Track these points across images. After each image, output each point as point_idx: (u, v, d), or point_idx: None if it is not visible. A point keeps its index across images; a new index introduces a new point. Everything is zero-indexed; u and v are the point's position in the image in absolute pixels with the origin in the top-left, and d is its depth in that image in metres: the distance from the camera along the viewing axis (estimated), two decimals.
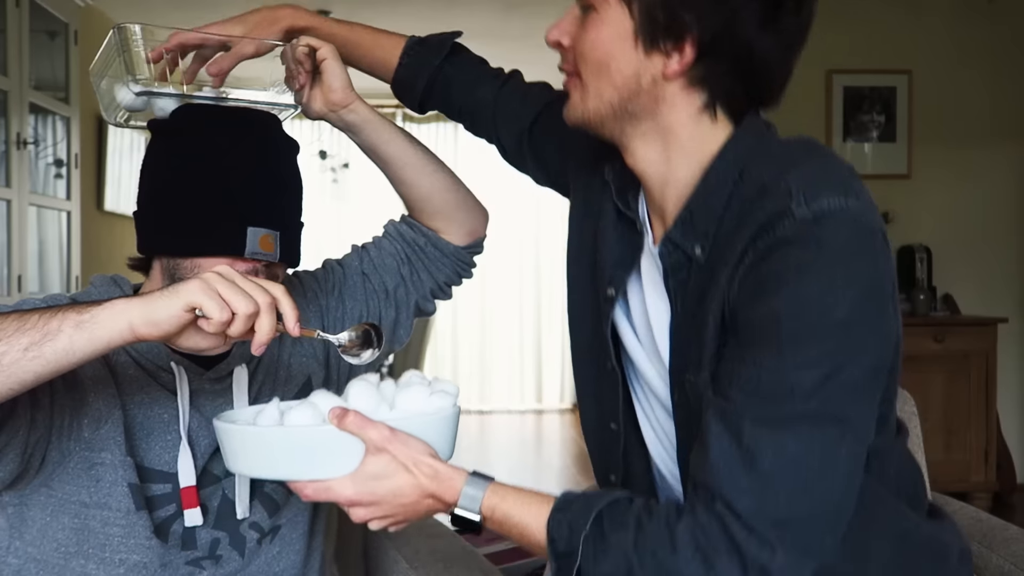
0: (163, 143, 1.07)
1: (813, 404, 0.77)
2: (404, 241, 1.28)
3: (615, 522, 0.81)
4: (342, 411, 0.84)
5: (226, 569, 1.09)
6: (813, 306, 0.78)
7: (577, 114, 0.94)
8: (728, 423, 0.79)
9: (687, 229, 0.89)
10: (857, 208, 0.80)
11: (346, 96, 1.16)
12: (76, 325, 0.80)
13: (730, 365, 0.82)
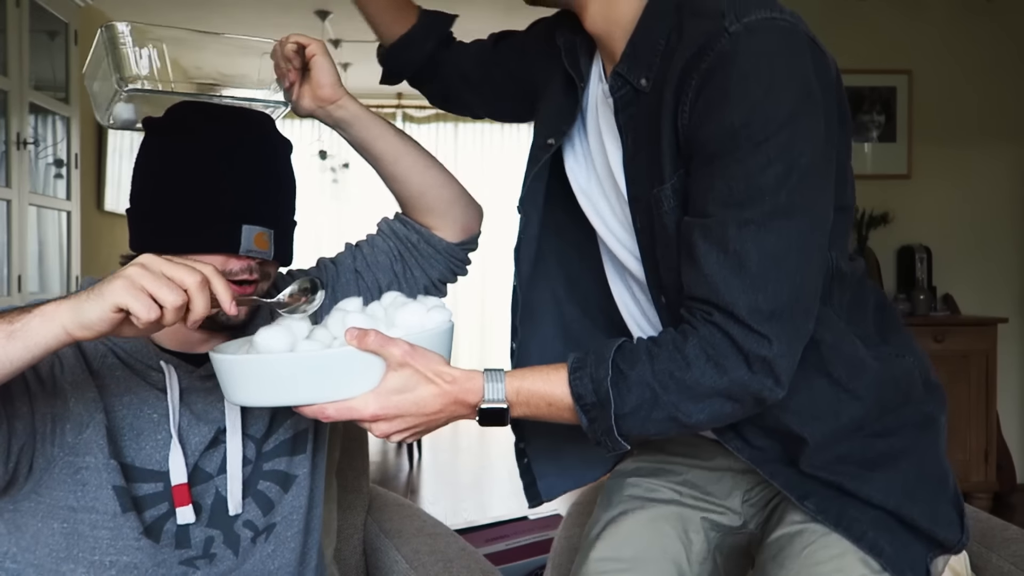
0: (156, 141, 1.07)
1: (783, 197, 0.85)
2: (397, 238, 1.28)
3: (629, 361, 0.89)
4: (360, 331, 0.86)
5: (220, 568, 1.08)
6: (760, 109, 0.84)
7: None
8: (712, 237, 0.87)
9: (631, 63, 0.95)
10: (783, 18, 0.87)
11: (335, 92, 1.17)
12: (8, 335, 0.80)
13: (700, 184, 0.89)
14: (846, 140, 1.00)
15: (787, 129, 0.85)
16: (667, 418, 0.89)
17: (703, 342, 0.87)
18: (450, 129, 7.12)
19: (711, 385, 0.87)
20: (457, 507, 4.17)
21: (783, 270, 0.86)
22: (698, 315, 0.89)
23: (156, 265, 0.82)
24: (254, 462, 1.12)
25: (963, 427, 3.78)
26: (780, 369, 0.87)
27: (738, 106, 0.85)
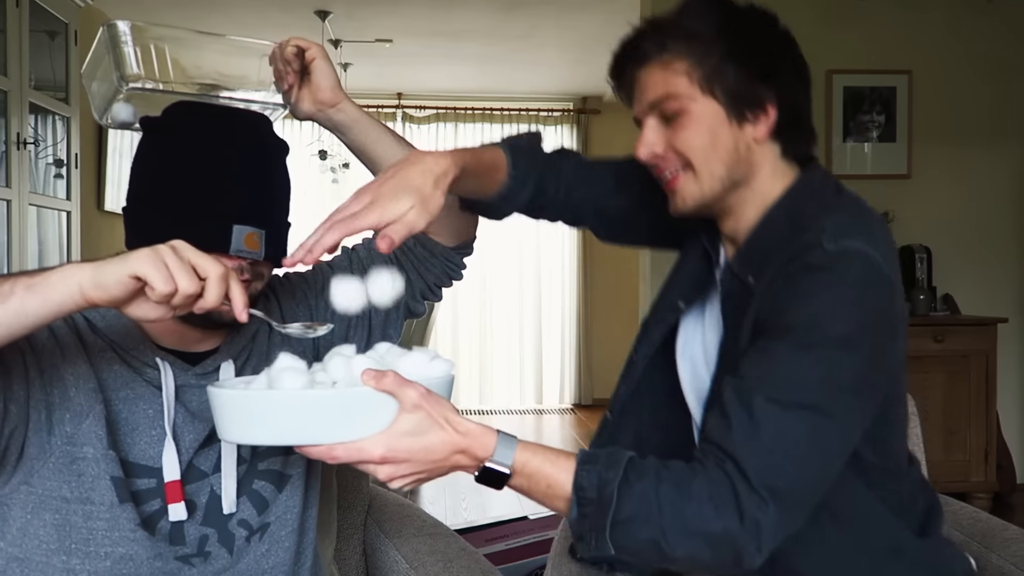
0: (153, 140, 1.07)
1: (813, 397, 0.93)
2: None
3: (637, 472, 0.93)
4: (378, 372, 0.86)
5: (215, 566, 1.08)
6: (823, 320, 0.94)
7: (696, 198, 1.08)
8: (743, 397, 0.94)
9: (743, 260, 1.08)
10: (876, 255, 0.98)
11: (335, 95, 1.17)
12: (27, 288, 0.81)
13: (751, 356, 0.99)
14: (897, 374, 1.07)
15: (839, 348, 0.94)
16: (650, 540, 0.92)
17: (710, 483, 0.92)
18: (450, 129, 7.12)
19: (703, 525, 0.91)
20: (457, 507, 4.17)
21: (792, 456, 0.92)
22: (712, 458, 0.94)
23: (183, 249, 0.84)
24: (249, 461, 1.12)
25: (963, 427, 3.78)
26: (765, 537, 0.91)
27: (805, 309, 0.95)
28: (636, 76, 1.09)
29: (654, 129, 1.08)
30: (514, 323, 7.16)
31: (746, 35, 1.06)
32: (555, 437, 6.18)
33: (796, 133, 1.10)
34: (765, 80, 1.05)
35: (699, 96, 1.05)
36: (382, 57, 5.96)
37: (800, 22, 4.55)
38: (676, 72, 1.05)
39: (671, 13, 1.09)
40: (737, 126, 1.06)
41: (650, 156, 1.08)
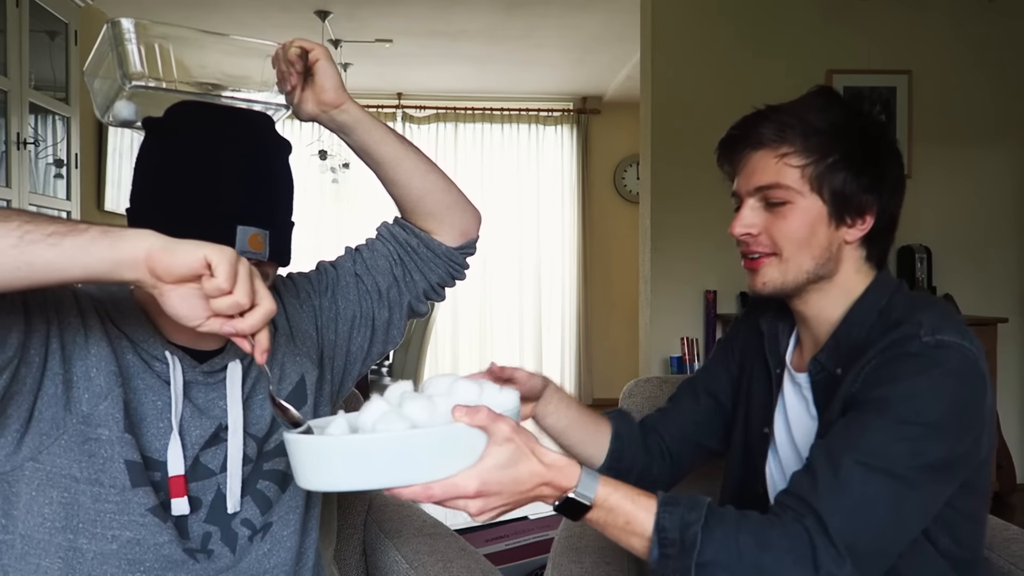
0: (156, 141, 1.07)
1: (897, 467, 0.97)
2: (397, 242, 1.28)
3: (718, 517, 0.96)
4: (470, 408, 0.87)
5: (218, 564, 1.08)
6: (917, 401, 0.99)
7: (777, 285, 1.14)
8: (831, 459, 0.99)
9: (831, 354, 1.13)
10: (972, 350, 1.03)
11: (338, 97, 1.17)
12: (103, 231, 0.81)
13: (840, 425, 1.03)
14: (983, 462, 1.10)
15: (929, 430, 0.98)
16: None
17: (788, 535, 0.95)
18: (450, 129, 7.12)
19: (779, 574, 0.94)
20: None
21: (873, 518, 0.96)
22: (791, 512, 0.97)
23: (253, 270, 0.85)
24: (255, 461, 1.12)
25: None
26: None
27: (902, 389, 1.00)
28: (747, 157, 1.14)
29: (755, 210, 1.13)
30: (514, 323, 7.16)
31: (862, 142, 1.11)
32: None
33: (885, 239, 1.17)
34: (871, 190, 1.11)
35: (807, 192, 1.10)
36: (382, 57, 5.97)
37: (800, 21, 4.53)
38: (790, 164, 1.10)
39: (794, 103, 1.14)
40: (835, 227, 1.12)
41: (743, 235, 1.14)
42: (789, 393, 1.22)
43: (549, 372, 7.21)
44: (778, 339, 1.26)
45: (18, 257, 0.79)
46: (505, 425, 0.88)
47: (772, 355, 1.25)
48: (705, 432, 1.35)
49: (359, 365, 1.28)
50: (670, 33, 4.11)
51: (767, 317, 1.28)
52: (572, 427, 1.27)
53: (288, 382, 1.17)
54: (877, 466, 0.97)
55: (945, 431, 0.99)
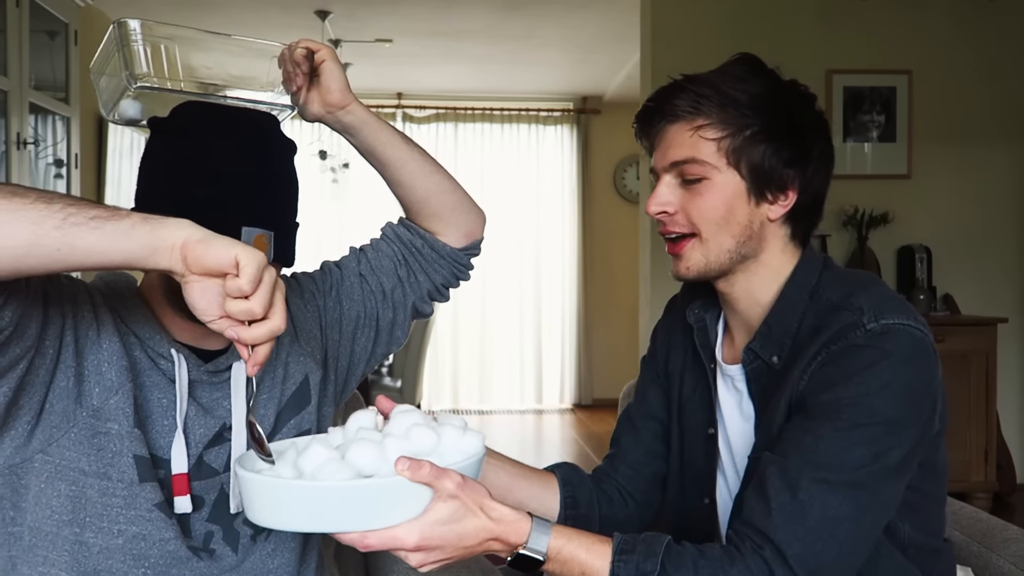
0: (161, 141, 1.07)
1: (860, 475, 0.94)
2: (401, 243, 1.28)
3: (675, 564, 0.93)
4: (414, 462, 0.84)
5: (221, 564, 1.09)
6: (871, 400, 0.95)
7: (700, 267, 1.08)
8: (787, 480, 0.94)
9: (765, 341, 1.08)
10: (918, 327, 0.99)
11: (344, 98, 1.17)
12: (144, 218, 0.82)
13: (793, 432, 0.98)
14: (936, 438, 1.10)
15: (886, 427, 0.95)
16: None
17: (749, 570, 0.92)
18: (450, 129, 7.12)
19: None
20: None
21: (835, 534, 0.93)
22: (749, 545, 0.94)
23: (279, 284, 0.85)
24: None
25: (963, 427, 3.78)
26: None
27: (853, 388, 0.95)
28: (664, 130, 1.08)
29: (671, 187, 1.08)
30: (514, 323, 7.16)
31: (784, 114, 1.05)
32: (555, 437, 6.18)
33: (810, 217, 1.10)
34: (792, 164, 1.05)
35: (724, 167, 1.04)
36: (382, 57, 5.97)
37: (800, 22, 4.55)
38: (705, 138, 1.04)
39: (713, 73, 1.08)
40: (755, 204, 1.06)
41: (658, 212, 1.08)
42: (722, 389, 1.16)
43: (549, 372, 7.22)
44: (707, 332, 1.19)
45: (60, 239, 0.79)
46: (450, 481, 0.85)
47: (704, 349, 1.18)
48: (659, 460, 1.27)
49: (363, 365, 1.28)
50: (670, 33, 4.11)
51: (693, 309, 1.20)
52: (515, 483, 1.20)
53: (292, 382, 1.17)
54: (838, 480, 0.93)
55: (903, 424, 0.96)
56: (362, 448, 0.86)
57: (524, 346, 7.18)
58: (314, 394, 1.19)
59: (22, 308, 0.88)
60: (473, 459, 0.90)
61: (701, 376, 1.19)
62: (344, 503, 0.82)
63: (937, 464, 1.10)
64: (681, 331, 1.24)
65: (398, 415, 0.93)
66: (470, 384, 7.16)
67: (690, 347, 1.21)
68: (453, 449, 0.90)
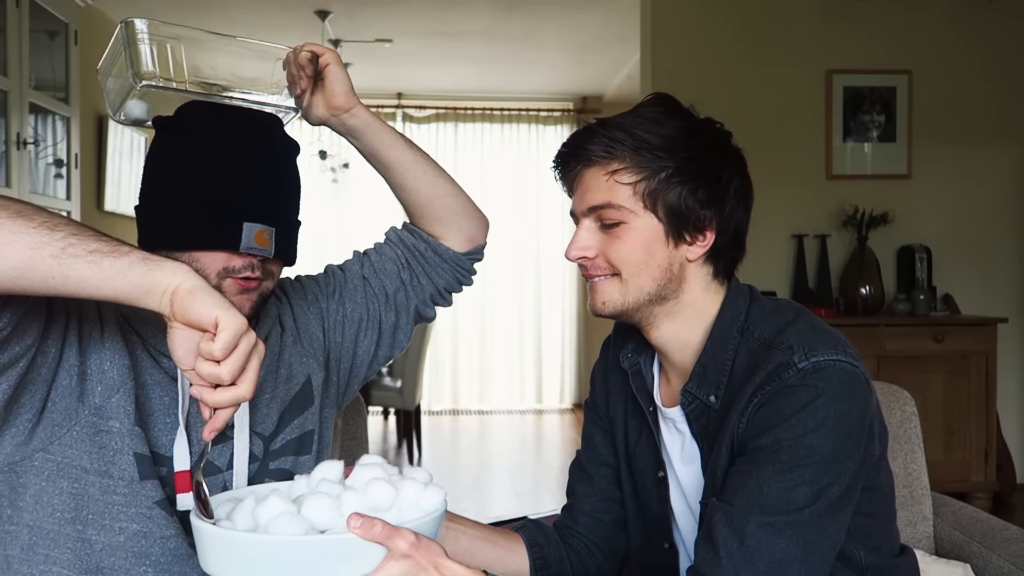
0: (165, 139, 1.08)
1: (804, 515, 0.95)
2: (405, 247, 1.29)
3: None
4: (366, 520, 0.82)
5: None
6: (808, 440, 0.96)
7: (617, 306, 1.08)
8: (734, 526, 0.95)
9: (701, 382, 1.08)
10: (847, 360, 0.99)
11: (348, 101, 1.17)
12: (143, 258, 0.83)
13: (736, 477, 0.99)
14: (878, 462, 1.09)
15: (824, 464, 0.96)
16: None
17: None
18: (450, 129, 7.12)
19: None
20: (457, 507, 4.17)
21: (786, 573, 0.94)
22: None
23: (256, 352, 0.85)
24: (261, 460, 1.12)
25: (963, 427, 3.78)
26: None
27: (790, 430, 0.96)
28: (580, 175, 1.07)
29: (590, 231, 1.07)
30: (514, 323, 7.17)
31: (697, 155, 1.05)
32: (555, 437, 6.18)
33: (732, 253, 1.10)
34: (709, 204, 1.05)
35: (640, 211, 1.04)
36: (382, 57, 5.97)
37: (800, 21, 4.54)
38: (620, 182, 1.04)
39: (626, 116, 1.07)
40: (673, 245, 1.06)
41: (578, 258, 1.08)
42: (666, 432, 1.15)
43: (549, 372, 7.22)
44: (643, 375, 1.18)
45: (55, 267, 0.80)
46: (403, 540, 0.83)
47: (641, 393, 1.17)
48: (617, 505, 1.26)
49: (365, 368, 1.29)
50: (670, 33, 4.11)
51: (626, 354, 1.19)
52: (477, 547, 1.18)
53: (294, 383, 1.17)
54: (783, 522, 0.94)
55: (841, 458, 0.97)
56: (318, 502, 0.85)
57: (524, 346, 7.18)
58: (316, 395, 1.19)
59: (25, 308, 0.89)
60: (432, 516, 0.88)
61: (644, 420, 1.18)
62: (294, 558, 0.81)
63: (881, 485, 1.10)
64: (618, 375, 1.23)
65: (360, 468, 0.91)
66: (470, 384, 7.16)
67: (628, 392, 1.20)
68: (412, 505, 0.88)
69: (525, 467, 5.22)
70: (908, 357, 3.77)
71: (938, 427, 3.73)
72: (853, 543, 1.06)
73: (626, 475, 1.23)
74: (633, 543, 1.24)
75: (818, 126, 4.13)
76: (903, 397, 1.70)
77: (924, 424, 1.77)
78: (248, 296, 1.07)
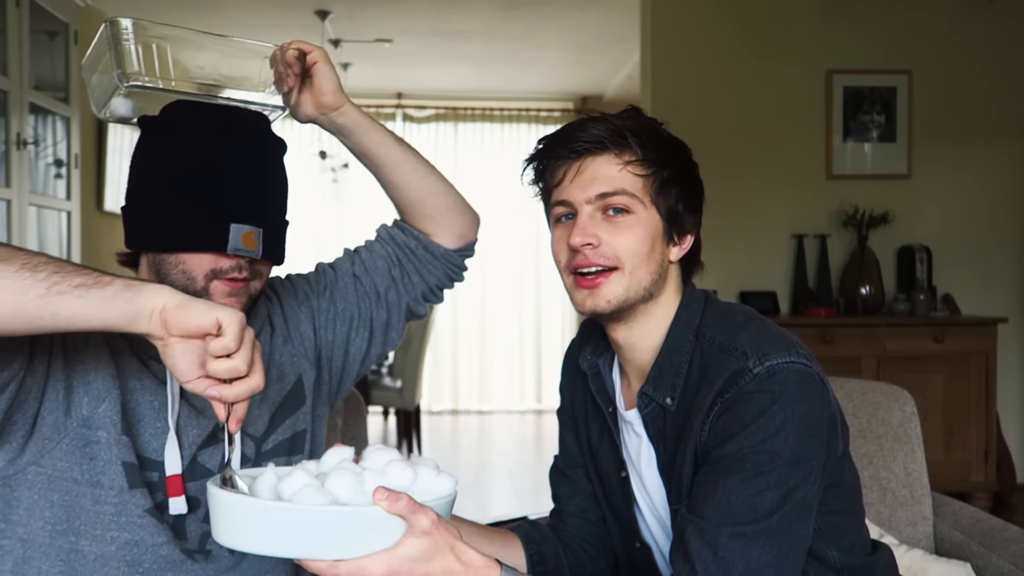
0: (151, 139, 1.07)
1: (773, 521, 0.96)
2: (395, 244, 1.28)
3: None
4: (392, 494, 0.84)
5: (218, 565, 1.08)
6: (769, 444, 0.97)
7: (619, 301, 1.07)
8: (706, 539, 0.96)
9: (658, 384, 1.09)
10: (800, 360, 1.00)
11: (337, 99, 1.17)
12: (126, 286, 0.84)
13: (704, 488, 1.00)
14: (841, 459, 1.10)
15: (788, 467, 0.97)
16: None
17: None
18: (450, 129, 7.12)
19: None
20: (457, 507, 4.15)
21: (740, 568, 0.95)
22: None
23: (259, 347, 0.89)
24: (253, 461, 1.12)
25: (963, 427, 3.78)
26: None
27: (751, 437, 0.97)
28: (587, 161, 1.06)
29: (593, 219, 1.06)
30: (514, 323, 7.16)
31: (687, 162, 1.10)
32: (555, 437, 6.17)
33: (695, 262, 1.15)
34: (695, 211, 1.11)
35: (648, 203, 1.06)
36: (382, 57, 5.97)
37: (800, 21, 4.53)
38: (634, 172, 1.05)
39: (619, 115, 1.08)
40: (665, 244, 1.09)
41: (583, 245, 1.05)
42: (625, 433, 1.16)
43: (549, 372, 7.22)
44: (602, 377, 1.19)
45: (44, 307, 0.82)
46: (425, 517, 0.85)
47: (600, 395, 1.18)
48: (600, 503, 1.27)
49: (357, 366, 1.28)
50: (670, 33, 4.11)
51: (585, 356, 1.21)
52: (475, 541, 1.17)
53: (285, 383, 1.17)
54: (754, 531, 0.95)
55: (804, 459, 0.98)
56: (342, 477, 0.86)
57: (524, 346, 7.18)
58: (308, 394, 1.19)
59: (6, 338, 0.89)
60: (445, 500, 0.90)
61: (605, 422, 1.19)
62: (320, 528, 0.82)
63: (847, 482, 1.11)
64: (579, 377, 1.25)
65: (373, 452, 0.93)
66: (470, 384, 7.16)
67: (588, 394, 1.22)
68: (425, 490, 0.90)
69: (525, 467, 5.21)
70: (908, 357, 3.77)
71: (938, 427, 3.72)
72: (825, 543, 1.07)
73: (594, 476, 1.24)
74: (613, 542, 1.25)
75: (818, 126, 4.13)
76: (903, 397, 1.70)
77: (924, 424, 1.77)
78: (237, 298, 1.06)
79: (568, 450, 1.29)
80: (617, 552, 1.25)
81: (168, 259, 1.04)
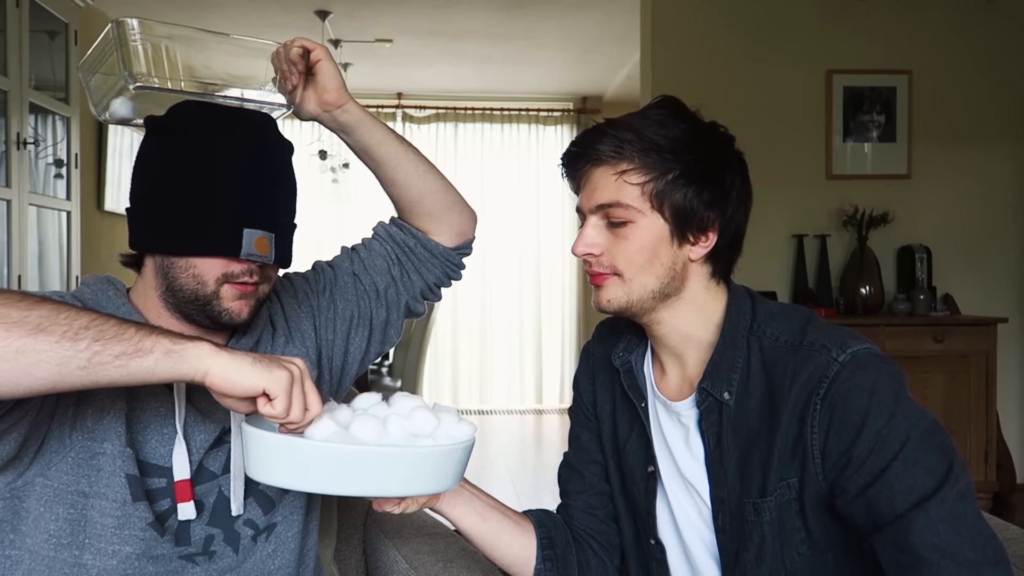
0: (158, 141, 1.07)
1: (956, 474, 0.93)
2: (394, 242, 1.29)
3: None
4: None
5: (220, 565, 1.09)
6: (899, 419, 0.96)
7: (621, 304, 1.10)
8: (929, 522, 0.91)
9: (715, 379, 1.09)
10: (872, 347, 1.02)
11: (340, 97, 1.17)
12: (167, 352, 0.85)
13: (878, 495, 0.95)
14: None
15: (930, 426, 0.96)
16: None
17: None
18: (450, 129, 7.12)
19: None
20: None
21: (981, 536, 0.91)
22: None
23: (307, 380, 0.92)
24: None
25: (963, 427, 3.78)
26: None
27: (878, 418, 0.96)
28: (588, 173, 1.10)
29: (597, 228, 1.09)
30: (514, 323, 7.16)
31: (703, 158, 1.07)
32: (555, 437, 6.17)
33: (730, 254, 1.13)
34: (712, 206, 1.08)
35: (647, 211, 1.07)
36: (382, 57, 5.97)
37: (800, 21, 4.53)
38: (629, 182, 1.06)
39: (634, 116, 1.09)
40: (677, 245, 1.09)
41: (584, 254, 1.10)
42: (667, 425, 1.16)
43: (549, 372, 7.22)
44: (634, 374, 1.20)
45: (84, 378, 0.83)
46: None
47: (632, 390, 1.19)
48: (609, 500, 1.27)
49: (357, 365, 1.28)
50: (670, 33, 4.11)
51: (617, 353, 1.21)
52: (490, 514, 1.20)
53: None
54: (954, 493, 0.91)
55: (930, 420, 0.97)
56: (366, 422, 0.92)
57: (524, 346, 7.18)
58: None
59: None
60: (464, 443, 0.97)
61: (635, 417, 1.20)
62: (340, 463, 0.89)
63: None
64: (605, 375, 1.25)
65: (400, 398, 0.99)
66: (470, 384, 7.16)
67: (618, 390, 1.22)
68: (448, 434, 0.96)
69: (525, 467, 5.21)
70: (908, 357, 3.77)
71: None
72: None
73: (615, 471, 1.24)
74: (625, 539, 1.26)
75: (818, 126, 4.13)
76: None
77: None
78: (246, 301, 1.06)
79: (582, 447, 1.30)
80: (628, 549, 1.25)
81: (178, 262, 1.04)
